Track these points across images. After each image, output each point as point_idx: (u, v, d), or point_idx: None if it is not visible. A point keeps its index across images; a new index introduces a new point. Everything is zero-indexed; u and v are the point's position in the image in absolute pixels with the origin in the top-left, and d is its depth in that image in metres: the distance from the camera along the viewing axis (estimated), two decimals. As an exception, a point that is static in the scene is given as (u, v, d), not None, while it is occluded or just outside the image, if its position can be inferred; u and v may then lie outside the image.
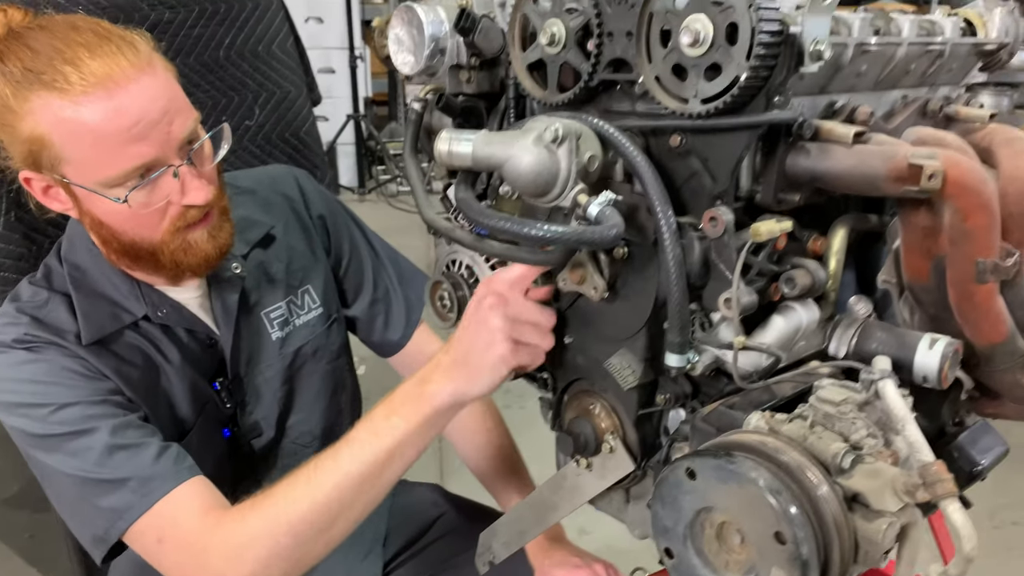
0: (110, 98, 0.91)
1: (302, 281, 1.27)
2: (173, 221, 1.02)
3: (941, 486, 0.71)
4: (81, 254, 1.09)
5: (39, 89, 0.91)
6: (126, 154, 0.94)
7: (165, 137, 0.96)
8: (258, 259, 1.22)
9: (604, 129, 0.86)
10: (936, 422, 1.04)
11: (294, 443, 1.27)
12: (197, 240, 1.05)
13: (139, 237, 1.02)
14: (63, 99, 0.91)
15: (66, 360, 1.03)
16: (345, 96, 5.92)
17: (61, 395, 1.01)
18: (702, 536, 0.77)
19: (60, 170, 0.96)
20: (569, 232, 0.80)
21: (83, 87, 0.90)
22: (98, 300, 1.08)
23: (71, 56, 0.91)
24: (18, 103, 0.92)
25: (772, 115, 0.79)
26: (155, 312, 1.09)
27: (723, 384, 0.93)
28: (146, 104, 0.94)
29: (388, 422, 0.95)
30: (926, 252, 0.90)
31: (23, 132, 0.94)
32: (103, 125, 0.92)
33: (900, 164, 0.82)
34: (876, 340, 0.90)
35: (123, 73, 0.92)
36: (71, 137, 0.92)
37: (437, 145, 0.88)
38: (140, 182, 0.96)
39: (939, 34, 1.03)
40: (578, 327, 1.00)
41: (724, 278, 0.82)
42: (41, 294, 1.08)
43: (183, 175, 0.99)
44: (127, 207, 0.97)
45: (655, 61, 0.84)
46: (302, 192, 1.32)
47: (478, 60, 1.03)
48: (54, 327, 1.05)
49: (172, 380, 1.12)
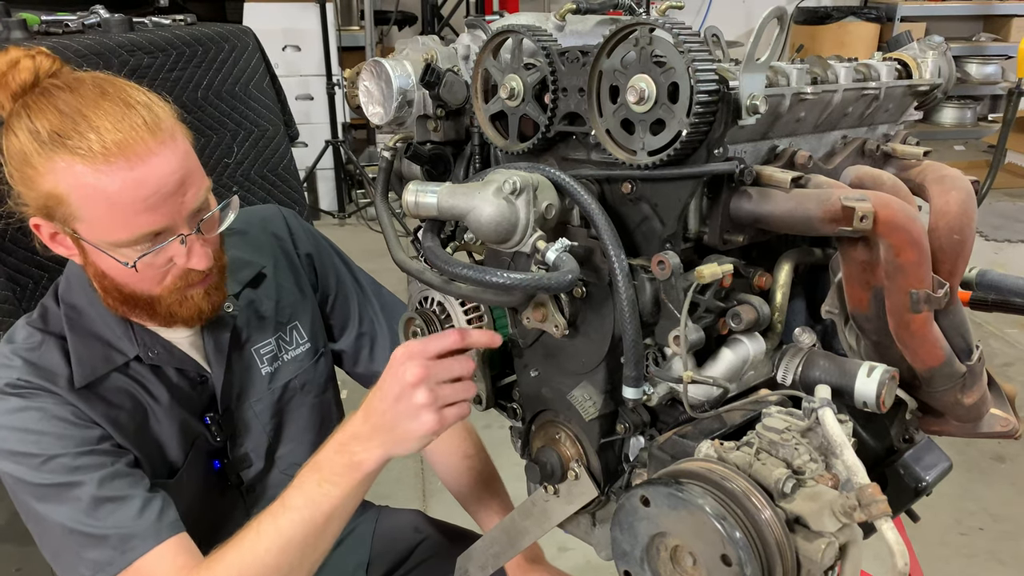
0: (131, 169, 0.96)
1: (290, 318, 1.31)
2: (175, 280, 1.08)
3: (876, 507, 0.76)
4: (78, 295, 1.13)
5: (63, 152, 0.95)
6: (139, 222, 0.99)
7: (178, 208, 1.01)
8: (249, 298, 1.27)
9: (560, 179, 0.92)
10: (885, 441, 1.11)
11: (283, 474, 1.32)
12: (194, 296, 1.10)
13: (140, 290, 1.07)
14: (85, 165, 0.95)
15: (57, 408, 1.06)
16: (323, 122, 5.97)
17: (51, 445, 1.05)
18: (658, 559, 0.82)
19: (72, 225, 1.01)
20: (528, 279, 0.86)
21: (105, 156, 0.95)
22: (92, 341, 1.12)
23: (97, 124, 0.95)
24: (41, 161, 0.96)
25: (712, 166, 0.86)
26: (146, 353, 1.13)
27: (679, 413, 0.99)
28: (164, 177, 0.99)
29: (321, 489, 1.01)
30: (865, 284, 0.97)
31: (42, 187, 0.98)
32: (120, 194, 0.96)
33: (834, 207, 0.88)
34: (819, 368, 0.96)
35: (145, 146, 0.97)
36: (88, 201, 0.97)
37: (404, 196, 0.94)
38: (149, 247, 1.01)
39: (875, 78, 1.10)
40: (542, 361, 1.06)
41: (673, 316, 0.88)
42: (35, 336, 1.12)
43: (190, 242, 1.04)
44: (133, 269, 1.02)
45: (605, 116, 0.90)
46: (290, 231, 1.37)
47: (444, 111, 1.09)
48: (47, 371, 1.09)
49: (161, 419, 1.16)
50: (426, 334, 1.17)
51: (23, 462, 1.05)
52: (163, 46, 1.73)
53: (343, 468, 1.01)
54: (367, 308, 1.43)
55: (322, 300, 1.40)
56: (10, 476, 1.06)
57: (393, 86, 1.07)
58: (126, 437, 1.12)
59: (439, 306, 1.17)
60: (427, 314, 1.18)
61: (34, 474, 1.05)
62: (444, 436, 1.43)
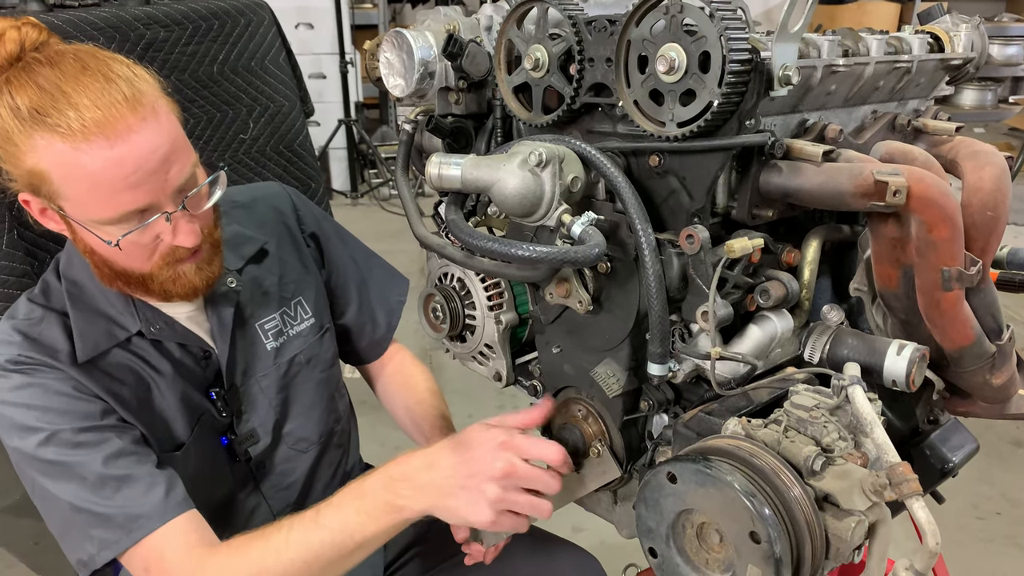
0: (111, 147, 0.94)
1: (294, 293, 1.31)
2: (163, 256, 1.05)
3: (907, 485, 0.75)
4: (79, 270, 1.12)
5: (43, 130, 0.93)
6: (121, 200, 0.96)
7: (161, 185, 0.99)
8: (252, 273, 1.26)
9: (586, 151, 0.90)
10: (910, 422, 1.09)
11: (291, 449, 1.31)
12: (186, 272, 1.08)
13: (129, 267, 1.06)
14: (64, 143, 0.93)
15: (59, 384, 1.05)
16: (336, 101, 5.95)
17: (55, 420, 1.04)
18: (683, 536, 0.81)
19: (57, 202, 0.99)
20: (554, 252, 0.85)
21: (84, 134, 0.93)
22: (94, 317, 1.11)
23: (75, 101, 0.93)
24: (22, 139, 0.95)
25: (744, 138, 0.84)
26: (149, 328, 1.12)
27: (703, 390, 0.98)
28: (145, 154, 0.96)
29: (358, 518, 1.00)
30: (895, 262, 0.95)
31: (25, 164, 0.96)
32: (101, 172, 0.94)
33: (867, 181, 0.86)
34: (847, 347, 0.95)
35: (125, 123, 0.94)
36: (69, 179, 0.95)
37: (428, 169, 0.93)
38: (134, 225, 0.99)
39: (906, 51, 1.07)
40: (564, 338, 1.05)
41: (701, 292, 0.87)
42: (36, 312, 1.11)
43: (175, 219, 1.02)
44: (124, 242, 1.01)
45: (633, 86, 0.88)
46: (295, 209, 1.36)
47: (466, 83, 1.08)
48: (48, 346, 1.08)
49: (165, 393, 1.15)
50: (446, 310, 1.16)
51: (28, 438, 1.04)
52: (179, 19, 1.71)
53: (385, 506, 1.00)
54: (365, 284, 1.44)
55: (326, 279, 1.39)
56: (16, 452, 1.06)
57: (415, 57, 1.06)
58: (130, 412, 1.11)
59: (459, 282, 1.16)
60: (447, 290, 1.17)
61: (39, 450, 1.04)
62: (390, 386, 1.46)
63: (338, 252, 1.41)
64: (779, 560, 0.72)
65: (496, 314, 1.13)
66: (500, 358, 1.16)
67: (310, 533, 1.02)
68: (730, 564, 0.77)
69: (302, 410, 1.30)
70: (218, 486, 1.22)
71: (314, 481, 1.36)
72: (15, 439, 1.05)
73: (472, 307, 1.15)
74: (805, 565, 0.75)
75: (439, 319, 1.19)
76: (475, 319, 1.15)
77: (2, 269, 1.42)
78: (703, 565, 0.80)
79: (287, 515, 1.10)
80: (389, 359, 1.52)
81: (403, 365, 1.52)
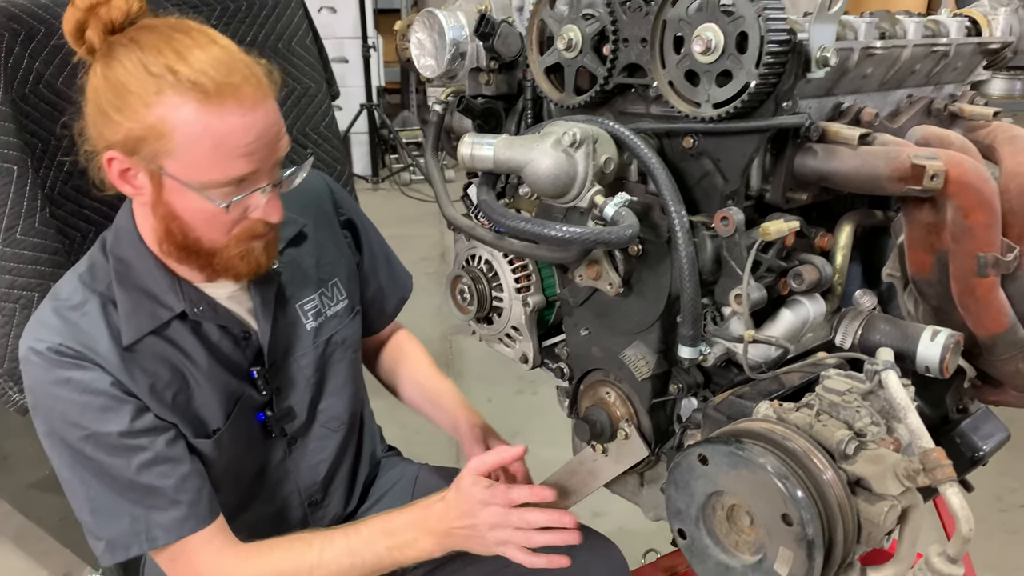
0: (242, 115, 0.98)
1: (330, 275, 1.33)
2: (244, 230, 1.08)
3: (941, 471, 0.74)
4: (126, 248, 1.13)
5: (178, 88, 0.96)
6: (235, 165, 1.00)
7: (269, 158, 1.03)
8: (292, 255, 1.27)
9: (620, 132, 0.90)
10: (940, 410, 1.09)
11: (324, 427, 1.34)
12: (255, 250, 1.11)
13: (206, 237, 1.07)
14: (198, 103, 0.96)
15: (98, 382, 1.07)
16: (358, 85, 5.94)
17: (93, 422, 1.06)
18: (713, 518, 0.81)
19: (160, 161, 1.01)
20: (587, 233, 0.84)
21: (220, 98, 0.96)
22: (139, 296, 1.12)
23: (210, 68, 0.96)
24: (150, 94, 0.96)
25: (781, 120, 0.83)
26: (192, 308, 1.14)
27: (733, 374, 0.97)
28: (266, 127, 1.01)
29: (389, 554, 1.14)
30: (929, 247, 0.94)
31: (143, 119, 0.97)
32: (227, 136, 0.98)
33: (903, 164, 0.85)
34: (880, 332, 0.94)
35: (253, 95, 0.99)
36: (193, 139, 0.97)
37: (460, 149, 0.93)
38: (234, 192, 1.02)
39: (944, 35, 1.06)
40: (593, 320, 1.05)
41: (735, 274, 0.87)
42: (77, 295, 1.12)
43: (269, 194, 1.06)
44: (215, 209, 1.03)
45: (668, 67, 0.88)
46: (332, 193, 1.39)
47: (497, 63, 1.07)
48: (88, 336, 1.09)
49: (201, 383, 1.16)
50: (473, 292, 1.17)
51: (66, 431, 1.06)
52: (208, 1, 1.72)
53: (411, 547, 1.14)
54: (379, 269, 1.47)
55: (358, 262, 1.41)
56: (52, 435, 1.08)
57: (446, 37, 1.06)
58: (165, 405, 1.12)
59: (487, 264, 1.17)
60: (474, 272, 1.18)
61: (76, 443, 1.06)
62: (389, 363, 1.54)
63: (367, 238, 1.44)
64: (811, 542, 0.72)
65: (523, 296, 1.14)
66: (527, 340, 1.17)
67: (342, 559, 1.14)
68: (760, 546, 0.77)
69: (335, 389, 1.32)
70: (251, 462, 1.24)
71: (343, 459, 1.38)
72: (54, 424, 1.07)
73: (499, 289, 1.15)
74: (837, 548, 0.74)
75: (466, 301, 1.19)
76: (502, 301, 1.16)
77: (35, 247, 1.44)
78: (733, 547, 0.80)
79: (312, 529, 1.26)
80: (386, 336, 1.55)
81: (402, 341, 1.56)
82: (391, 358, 1.55)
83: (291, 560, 1.14)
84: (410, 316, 1.63)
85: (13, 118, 1.41)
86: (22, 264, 1.44)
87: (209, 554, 1.14)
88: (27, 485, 2.21)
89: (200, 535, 1.12)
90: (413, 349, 1.56)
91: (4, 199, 1.41)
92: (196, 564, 1.14)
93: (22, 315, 1.46)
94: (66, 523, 2.10)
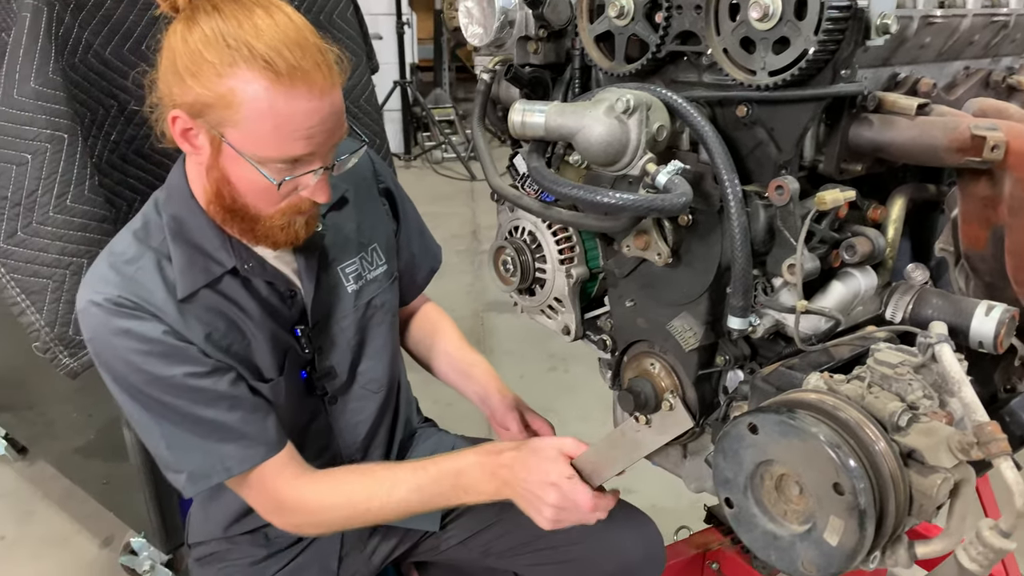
0: (309, 100, 1.00)
1: (370, 240, 1.36)
2: (290, 205, 1.11)
3: (995, 444, 0.73)
4: (179, 206, 1.17)
5: (252, 63, 0.98)
6: (293, 146, 1.03)
7: (326, 143, 1.06)
8: (334, 220, 1.31)
9: (673, 100, 0.89)
10: (988, 388, 1.07)
11: (363, 388, 1.37)
12: (296, 223, 1.14)
13: (253, 205, 1.11)
14: (269, 83, 0.98)
15: (156, 331, 1.10)
16: (392, 62, 5.95)
17: (154, 366, 1.10)
18: (761, 487, 0.81)
19: (222, 129, 1.04)
20: (640, 200, 0.84)
21: (291, 80, 0.99)
22: (193, 252, 1.16)
23: (286, 50, 0.99)
24: (224, 64, 0.99)
25: (839, 87, 0.82)
26: (243, 265, 1.18)
27: (780, 347, 0.97)
28: (329, 114, 1.03)
29: (454, 492, 1.19)
30: (984, 221, 0.92)
31: (215, 87, 1.00)
32: (290, 118, 1.00)
33: (963, 135, 0.84)
34: (932, 306, 0.93)
35: (322, 82, 1.01)
36: (259, 114, 1.00)
37: (511, 116, 0.92)
38: (288, 170, 1.06)
39: (1004, 5, 1.04)
40: (639, 291, 1.04)
41: (788, 244, 0.86)
42: (132, 249, 1.15)
43: (320, 176, 1.09)
44: (268, 183, 1.06)
45: (723, 34, 0.87)
46: (372, 162, 1.42)
47: (546, 32, 1.07)
48: (144, 288, 1.12)
49: (255, 332, 1.20)
50: (517, 263, 1.17)
51: (131, 375, 1.11)
52: (251, -27, 1.72)
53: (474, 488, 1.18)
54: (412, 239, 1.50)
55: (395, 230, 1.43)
56: (119, 380, 1.12)
57: (495, 5, 1.05)
58: (222, 351, 1.16)
59: (530, 235, 1.17)
60: (518, 243, 1.18)
61: (143, 387, 1.11)
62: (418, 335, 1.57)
63: (403, 208, 1.46)
64: (863, 512, 0.72)
65: (567, 267, 1.14)
66: (569, 312, 1.17)
67: (411, 495, 1.19)
68: (810, 516, 0.77)
69: (374, 352, 1.36)
70: (297, 417, 1.28)
71: (381, 422, 1.41)
72: (119, 371, 1.11)
73: (543, 260, 1.16)
74: (888, 519, 0.74)
75: (509, 272, 1.19)
76: (545, 272, 1.16)
77: (84, 215, 1.47)
78: (781, 516, 0.80)
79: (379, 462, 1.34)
80: (414, 309, 1.58)
81: (429, 312, 1.59)
82: (421, 330, 1.58)
83: (363, 492, 1.20)
84: (442, 293, 1.65)
85: (64, 87, 1.43)
86: (72, 231, 1.47)
87: (285, 481, 1.19)
88: (72, 450, 2.26)
89: (273, 464, 1.18)
90: (443, 322, 1.58)
91: (55, 167, 1.44)
92: (273, 491, 1.20)
93: (72, 281, 1.49)
94: (109, 487, 2.15)
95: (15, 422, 2.54)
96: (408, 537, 1.48)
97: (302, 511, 1.21)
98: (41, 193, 1.44)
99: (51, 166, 1.43)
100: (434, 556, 1.52)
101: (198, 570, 1.43)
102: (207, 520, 1.41)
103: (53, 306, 1.50)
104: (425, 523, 1.45)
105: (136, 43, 1.54)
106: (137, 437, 1.83)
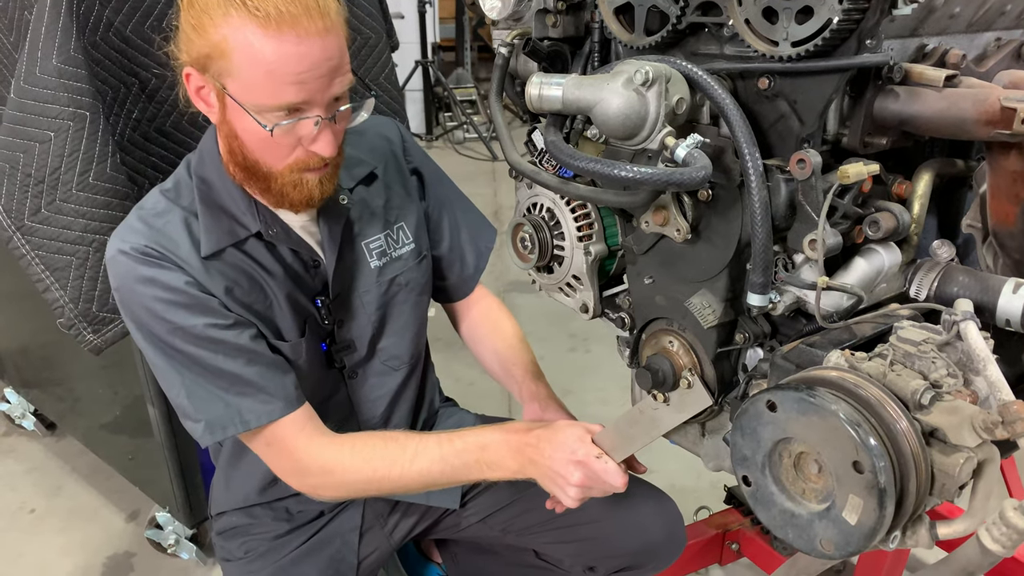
0: (297, 44, 1.01)
1: (397, 218, 1.36)
2: (297, 160, 1.11)
3: (1021, 424, 0.72)
4: (209, 169, 1.19)
5: (243, 12, 1.00)
6: (286, 91, 1.03)
7: (323, 90, 1.06)
8: (361, 194, 1.32)
9: (693, 72, 0.87)
10: (1015, 368, 1.05)
11: (384, 364, 1.38)
12: (308, 181, 1.14)
13: (262, 160, 1.12)
14: (258, 27, 1.00)
15: (179, 281, 1.13)
16: (414, 42, 5.93)
17: (176, 316, 1.12)
18: (780, 465, 0.80)
19: (223, 80, 1.06)
20: (659, 173, 0.83)
21: (279, 25, 1.00)
22: (219, 214, 1.18)
23: None
24: (219, 13, 1.01)
25: (864, 58, 0.80)
26: (267, 230, 1.19)
27: (801, 324, 0.95)
28: (321, 60, 1.03)
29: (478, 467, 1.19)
30: (1014, 197, 0.90)
31: (211, 37, 1.02)
32: (281, 64, 1.01)
33: (992, 107, 0.82)
34: (958, 284, 0.91)
35: (313, 26, 1.01)
36: (250, 61, 1.01)
37: (528, 89, 0.91)
38: (287, 118, 1.06)
39: (1038, -27, 1.00)
40: (658, 268, 1.03)
41: (810, 219, 0.84)
42: (161, 204, 1.19)
43: (321, 127, 1.08)
44: (267, 133, 1.06)
45: (745, 4, 0.85)
46: (403, 141, 1.42)
47: (564, 4, 1.05)
48: (170, 240, 1.15)
49: (277, 293, 1.22)
50: (535, 240, 1.16)
51: (155, 324, 1.13)
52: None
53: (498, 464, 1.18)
54: (460, 224, 1.48)
55: (426, 210, 1.43)
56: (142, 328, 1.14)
57: (514, -22, 1.04)
58: (244, 308, 1.18)
59: (548, 212, 1.16)
60: (536, 220, 1.17)
61: (165, 336, 1.13)
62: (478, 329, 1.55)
63: (436, 189, 1.46)
64: (883, 490, 0.71)
65: (585, 245, 1.13)
66: (587, 289, 1.16)
67: (433, 465, 1.19)
68: (829, 494, 0.76)
69: (396, 329, 1.36)
70: (317, 389, 1.29)
71: (400, 399, 1.41)
72: (143, 319, 1.14)
73: (561, 237, 1.15)
74: (908, 498, 0.73)
75: (527, 249, 1.18)
76: (564, 250, 1.15)
77: (106, 192, 1.48)
78: (799, 494, 0.79)
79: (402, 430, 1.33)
80: (476, 301, 1.55)
81: (491, 310, 1.56)
82: (477, 328, 1.55)
83: (385, 458, 1.20)
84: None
85: (85, 64, 1.44)
86: (95, 208, 1.49)
87: (302, 439, 1.21)
88: (99, 426, 2.30)
89: (290, 421, 1.19)
90: (499, 319, 1.55)
91: (77, 144, 1.45)
92: (290, 448, 1.21)
93: (95, 258, 1.50)
94: (135, 463, 2.19)
95: (44, 398, 2.58)
96: (428, 514, 1.49)
97: (320, 471, 1.22)
98: (64, 171, 1.45)
99: (73, 144, 1.44)
100: (454, 534, 1.53)
101: (221, 543, 1.45)
102: (228, 490, 1.43)
103: (77, 283, 1.52)
104: (445, 500, 1.46)
105: (157, 20, 1.55)
106: (162, 413, 1.87)
